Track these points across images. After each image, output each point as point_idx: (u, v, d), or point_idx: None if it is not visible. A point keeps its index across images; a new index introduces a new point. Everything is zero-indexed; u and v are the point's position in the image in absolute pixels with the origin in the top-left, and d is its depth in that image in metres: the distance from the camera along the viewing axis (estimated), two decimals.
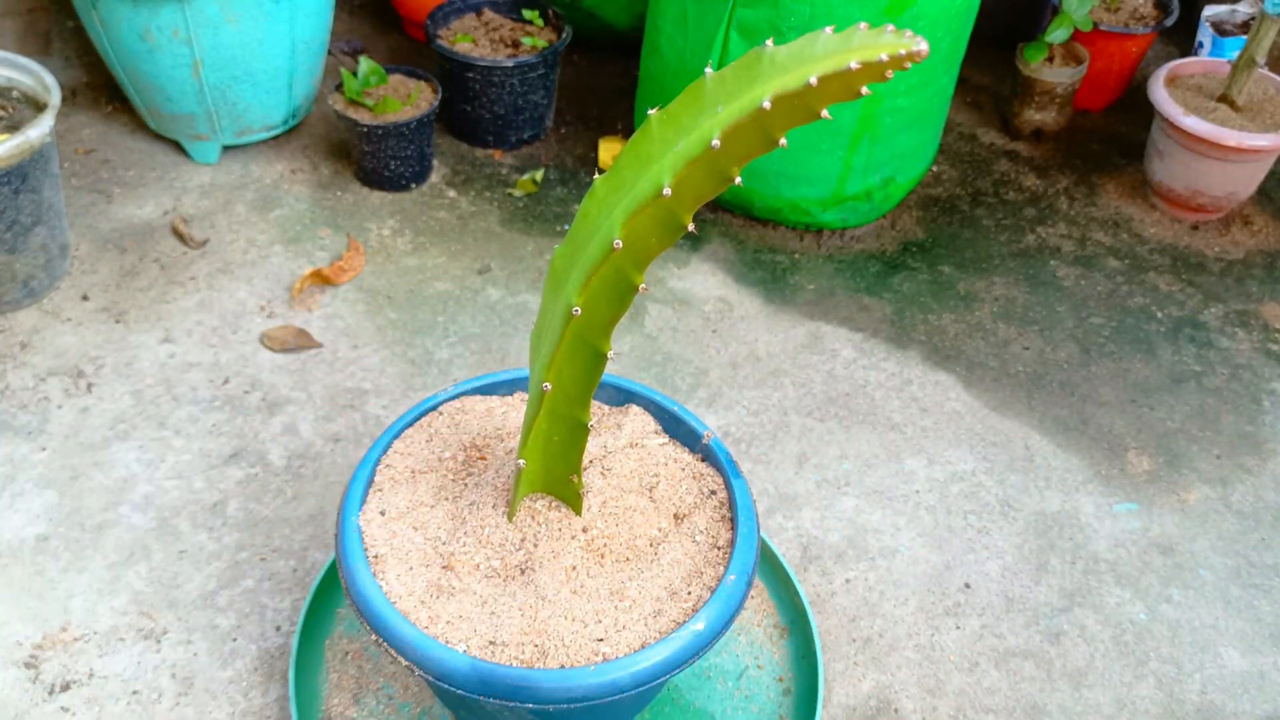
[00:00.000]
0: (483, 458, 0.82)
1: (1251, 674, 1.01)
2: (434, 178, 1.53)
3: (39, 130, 1.18)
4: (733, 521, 0.77)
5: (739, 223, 1.49)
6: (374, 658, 0.93)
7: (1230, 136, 1.42)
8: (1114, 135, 1.69)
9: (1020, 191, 1.58)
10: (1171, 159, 1.50)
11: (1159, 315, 1.39)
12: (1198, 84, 1.54)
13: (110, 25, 1.37)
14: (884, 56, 0.48)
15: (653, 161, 0.58)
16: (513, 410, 0.86)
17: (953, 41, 1.34)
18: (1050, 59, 1.60)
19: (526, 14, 1.59)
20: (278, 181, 1.50)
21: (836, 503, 1.13)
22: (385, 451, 0.82)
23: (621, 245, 0.59)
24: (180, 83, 1.42)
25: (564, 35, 1.55)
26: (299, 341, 1.26)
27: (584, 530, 0.76)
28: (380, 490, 0.79)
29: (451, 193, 1.51)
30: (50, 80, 1.25)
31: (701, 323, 1.33)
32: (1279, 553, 1.11)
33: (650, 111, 0.59)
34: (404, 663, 0.69)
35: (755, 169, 1.38)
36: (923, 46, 0.48)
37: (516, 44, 1.56)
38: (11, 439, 1.13)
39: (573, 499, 0.76)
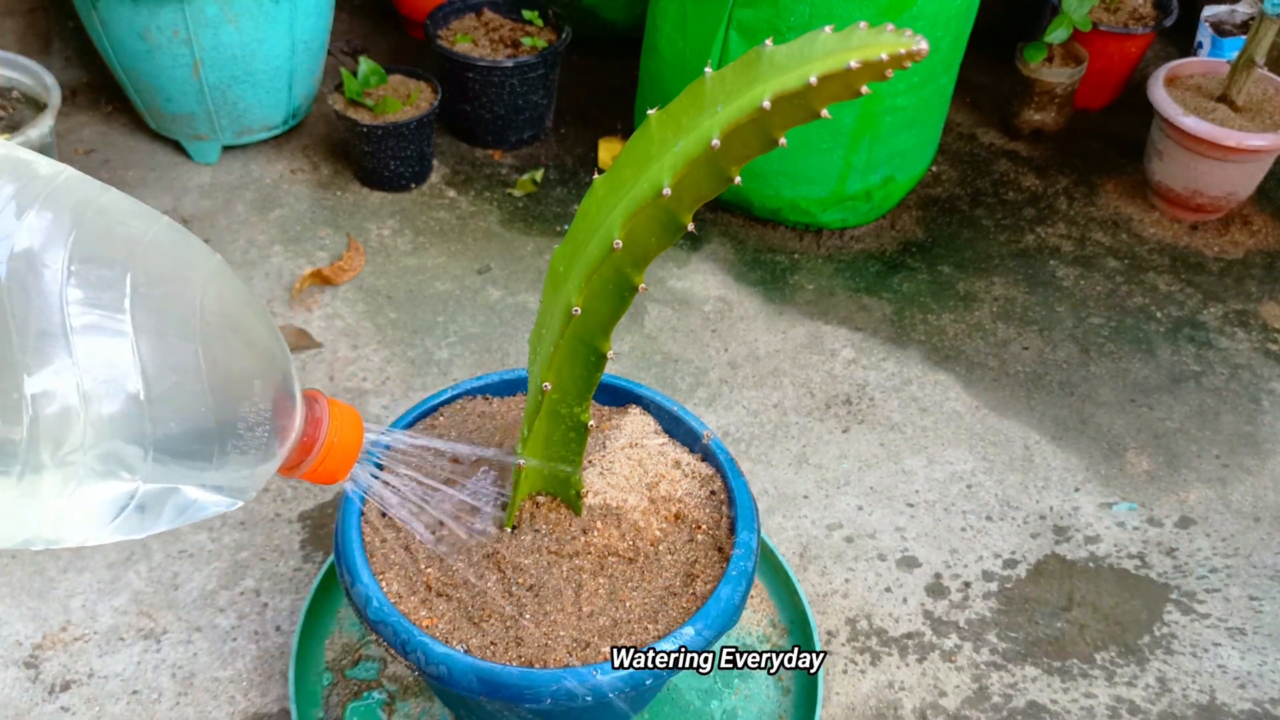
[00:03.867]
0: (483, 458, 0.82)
1: (1252, 674, 1.01)
2: (434, 178, 1.53)
3: (39, 130, 1.18)
4: (732, 521, 0.77)
5: (739, 223, 1.49)
6: (374, 658, 0.93)
7: (1229, 136, 1.42)
8: (1113, 135, 1.69)
9: (1020, 191, 1.58)
10: (1171, 159, 1.50)
11: (1158, 315, 1.39)
12: (1197, 84, 1.54)
13: (110, 25, 1.37)
14: (884, 55, 0.48)
15: (652, 161, 0.58)
16: (513, 410, 0.86)
17: (952, 41, 1.34)
18: (1050, 59, 1.60)
19: (526, 14, 1.59)
20: (278, 181, 1.50)
21: (836, 502, 1.13)
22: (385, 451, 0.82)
23: (621, 245, 0.59)
24: (180, 83, 1.42)
25: (564, 35, 1.55)
26: (299, 341, 1.26)
27: (583, 531, 0.76)
28: None
29: (451, 193, 1.51)
30: (50, 80, 1.25)
31: (701, 323, 1.33)
32: (1279, 552, 1.11)
33: (650, 111, 0.59)
34: (404, 663, 0.69)
35: (755, 168, 1.38)
36: (923, 45, 0.48)
37: (516, 44, 1.56)
38: None
39: (572, 499, 0.76)
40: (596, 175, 0.62)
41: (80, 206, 0.47)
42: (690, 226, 0.58)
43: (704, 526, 0.78)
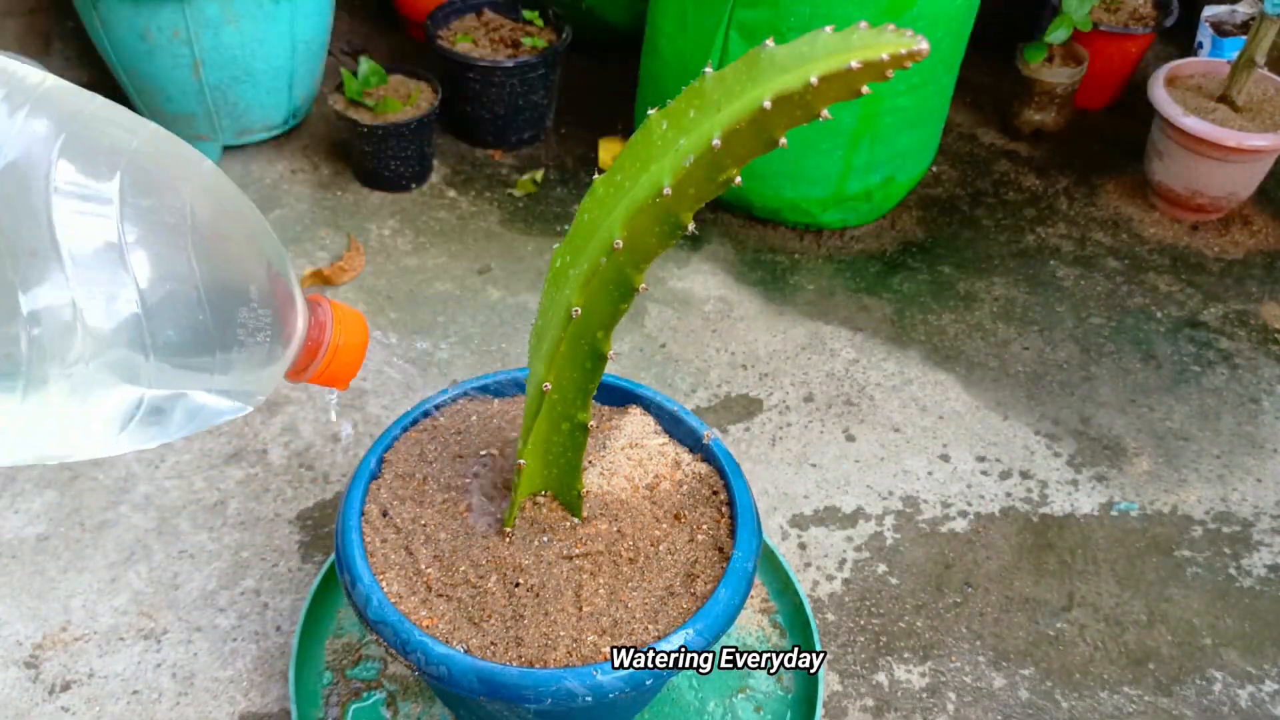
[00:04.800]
0: (483, 459, 0.82)
1: (1251, 674, 1.01)
2: (434, 178, 1.53)
3: None
4: (732, 522, 0.77)
5: (739, 223, 1.49)
6: (374, 658, 0.93)
7: (1230, 137, 1.42)
8: (1114, 135, 1.69)
9: (1020, 191, 1.58)
10: (1171, 159, 1.50)
11: (1159, 315, 1.39)
12: (1197, 84, 1.54)
13: (110, 25, 1.37)
14: (885, 56, 0.48)
15: (653, 161, 0.58)
16: (513, 411, 0.86)
17: (953, 41, 1.34)
18: (1050, 59, 1.60)
19: (526, 14, 1.59)
20: (278, 182, 1.50)
21: (836, 502, 1.13)
22: (386, 451, 0.82)
23: (621, 245, 0.59)
24: (180, 83, 1.42)
25: (564, 35, 1.55)
26: None
27: (584, 531, 0.76)
28: (381, 490, 0.79)
29: (451, 193, 1.51)
30: None
31: (701, 323, 1.33)
32: (1278, 553, 1.11)
33: (650, 111, 0.59)
34: (404, 663, 0.69)
35: (755, 169, 1.38)
36: (924, 45, 0.47)
37: (516, 44, 1.56)
38: None
39: (572, 499, 0.76)
40: (596, 175, 0.62)
41: (66, 117, 0.47)
42: (690, 226, 0.58)
43: (704, 526, 0.78)
